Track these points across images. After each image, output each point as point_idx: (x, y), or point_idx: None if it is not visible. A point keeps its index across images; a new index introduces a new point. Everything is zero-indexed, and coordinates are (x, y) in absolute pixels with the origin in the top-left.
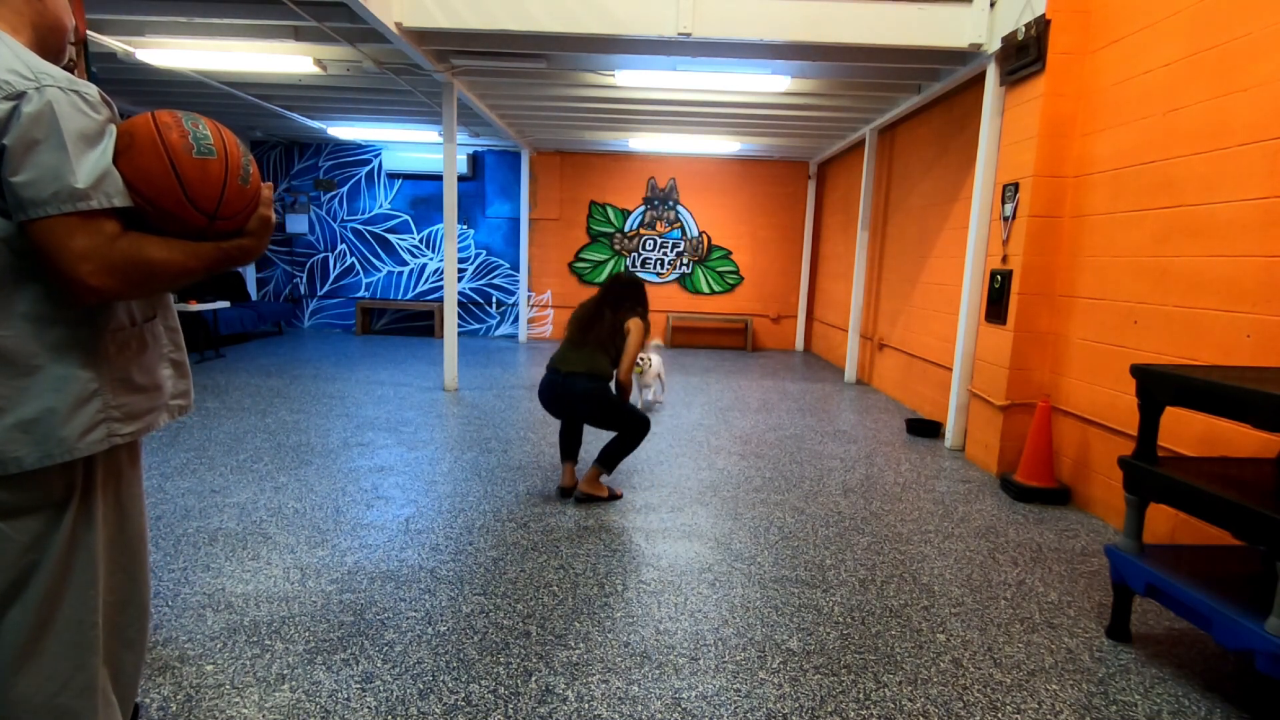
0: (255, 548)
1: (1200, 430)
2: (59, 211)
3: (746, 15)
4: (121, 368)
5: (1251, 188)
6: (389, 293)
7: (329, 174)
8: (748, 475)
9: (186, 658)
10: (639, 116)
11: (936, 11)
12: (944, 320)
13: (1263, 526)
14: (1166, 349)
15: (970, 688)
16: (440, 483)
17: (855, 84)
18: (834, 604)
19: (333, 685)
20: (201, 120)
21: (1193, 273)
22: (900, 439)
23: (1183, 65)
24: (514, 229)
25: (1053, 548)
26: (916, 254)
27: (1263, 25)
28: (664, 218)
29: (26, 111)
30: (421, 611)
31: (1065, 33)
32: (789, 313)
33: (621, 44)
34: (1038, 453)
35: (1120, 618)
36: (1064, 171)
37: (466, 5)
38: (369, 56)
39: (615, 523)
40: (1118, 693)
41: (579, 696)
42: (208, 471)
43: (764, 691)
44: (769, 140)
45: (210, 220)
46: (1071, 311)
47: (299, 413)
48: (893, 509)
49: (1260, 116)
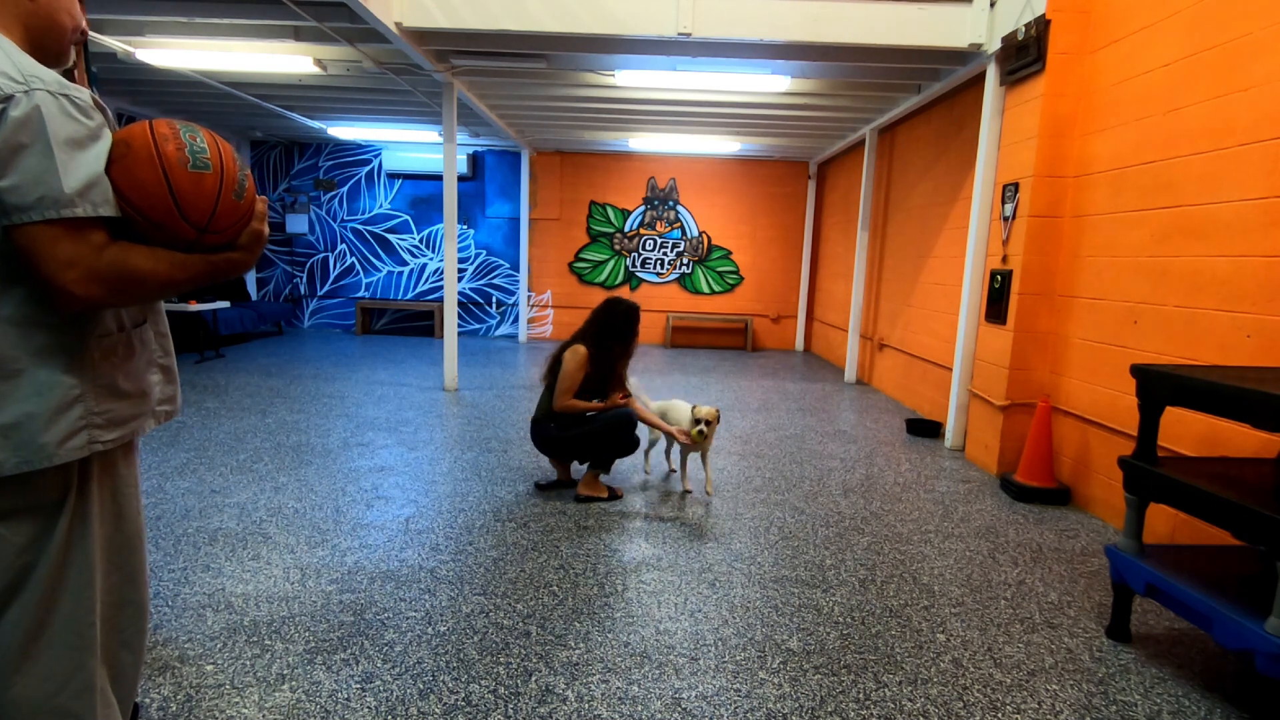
0: (255, 548)
1: (1200, 430)
2: (43, 218)
3: (746, 15)
4: (107, 374)
5: (1251, 188)
6: (389, 293)
7: (329, 174)
8: (748, 475)
9: (186, 658)
10: (639, 116)
11: (936, 11)
12: (944, 320)
13: (1262, 526)
14: (1167, 349)
15: (970, 688)
16: (440, 483)
17: (855, 84)
18: (834, 604)
19: (333, 685)
20: (200, 132)
21: (1193, 273)
22: (900, 439)
23: (1183, 65)
24: (514, 229)
25: (1053, 548)
26: (916, 254)
27: (1263, 25)
28: (664, 218)
29: (13, 115)
30: (421, 611)
31: (1065, 33)
32: (789, 313)
33: (621, 44)
34: (1038, 453)
35: (1120, 617)
36: (1064, 171)
37: (466, 5)
38: (369, 56)
39: (615, 523)
40: (1118, 693)
41: (579, 696)
42: (208, 471)
43: (764, 691)
44: (769, 140)
45: (200, 233)
46: (1071, 311)
47: (299, 413)
48: (893, 509)
49: (1260, 116)
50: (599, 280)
